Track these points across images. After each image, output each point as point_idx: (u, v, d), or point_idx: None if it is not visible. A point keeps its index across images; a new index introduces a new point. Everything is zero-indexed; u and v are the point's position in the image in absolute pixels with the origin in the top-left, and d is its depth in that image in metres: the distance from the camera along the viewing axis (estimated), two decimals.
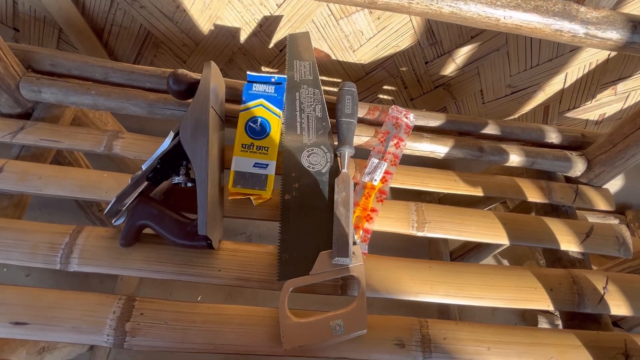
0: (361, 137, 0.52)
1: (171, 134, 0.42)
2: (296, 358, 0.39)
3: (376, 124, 0.54)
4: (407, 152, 0.53)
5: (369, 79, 0.80)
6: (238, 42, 0.73)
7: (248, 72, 0.48)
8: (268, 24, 0.69)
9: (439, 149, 0.53)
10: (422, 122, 0.55)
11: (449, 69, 0.74)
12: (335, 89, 0.82)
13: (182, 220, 0.41)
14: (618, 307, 0.46)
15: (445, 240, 0.84)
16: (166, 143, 0.42)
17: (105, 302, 0.39)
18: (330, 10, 0.65)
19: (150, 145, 0.48)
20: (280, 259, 0.42)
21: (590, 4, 0.36)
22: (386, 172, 0.48)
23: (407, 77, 0.78)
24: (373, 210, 0.46)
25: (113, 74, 0.51)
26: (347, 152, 0.47)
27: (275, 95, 0.48)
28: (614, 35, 0.35)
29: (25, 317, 0.37)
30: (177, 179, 0.42)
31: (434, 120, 0.55)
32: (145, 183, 0.42)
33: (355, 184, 0.48)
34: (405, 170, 0.52)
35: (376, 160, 0.49)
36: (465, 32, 0.66)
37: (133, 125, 0.61)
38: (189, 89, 0.46)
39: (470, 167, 0.83)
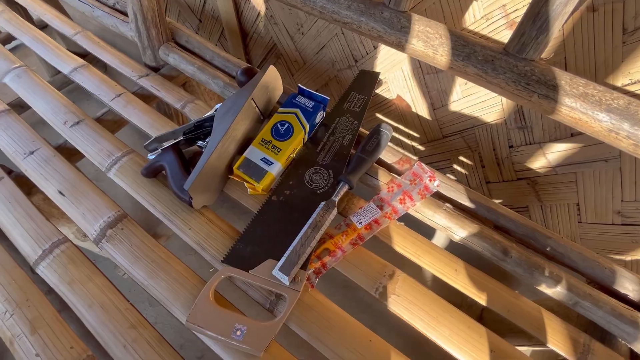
0: (374, 180, 0.50)
1: (215, 107, 0.51)
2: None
3: (399, 175, 0.51)
4: (418, 216, 0.48)
5: (445, 143, 0.75)
6: (335, 70, 0.81)
7: (299, 84, 0.53)
8: (363, 61, 0.74)
9: (455, 228, 0.46)
10: (452, 194, 0.49)
11: (538, 163, 0.63)
12: (407, 140, 0.81)
13: (184, 175, 0.48)
14: None
15: None
16: (210, 112, 0.51)
17: (109, 206, 0.49)
18: (419, 63, 0.65)
19: None
20: (235, 245, 0.44)
21: None
22: (374, 221, 0.45)
23: (486, 156, 0.70)
24: (341, 249, 0.43)
25: (217, 58, 0.65)
26: (345, 185, 0.46)
27: (311, 110, 0.52)
28: None
29: (65, 191, 0.50)
30: (199, 143, 0.50)
31: (466, 199, 0.48)
32: (181, 137, 0.51)
33: (344, 221, 0.47)
34: (406, 232, 0.47)
35: (373, 206, 0.46)
36: (565, 127, 0.55)
37: None
38: None
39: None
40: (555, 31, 0.27)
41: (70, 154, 0.57)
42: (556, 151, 0.59)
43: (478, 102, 0.63)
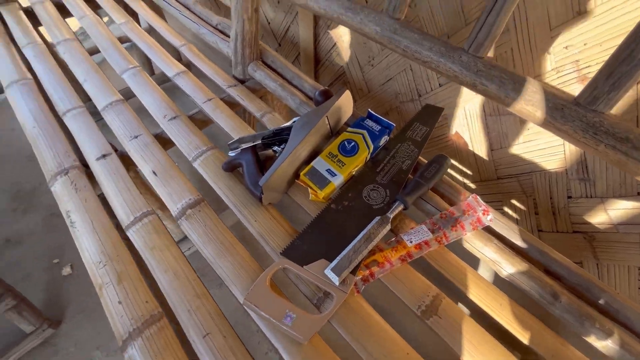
0: (427, 205, 0.53)
1: (294, 119, 0.58)
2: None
3: (452, 205, 0.53)
4: (467, 246, 0.50)
5: (498, 184, 0.76)
6: (398, 102, 0.87)
7: (369, 110, 0.59)
8: (426, 97, 0.79)
9: (504, 263, 0.47)
10: (504, 232, 0.50)
11: (598, 218, 0.62)
12: (459, 177, 0.82)
13: (259, 174, 0.55)
14: None
15: None
16: (287, 123, 0.58)
17: (190, 190, 0.57)
18: (483, 104, 0.68)
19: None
20: (294, 241, 0.49)
21: None
22: (424, 242, 0.47)
23: (542, 203, 0.70)
24: (390, 262, 0.46)
25: (296, 79, 0.73)
26: (400, 204, 0.50)
27: (377, 133, 0.57)
28: None
29: (158, 172, 0.60)
30: (274, 148, 0.57)
31: (519, 239, 0.49)
32: (260, 141, 0.59)
33: (395, 237, 0.50)
34: (453, 259, 0.49)
35: (424, 229, 0.49)
36: (631, 184, 0.54)
37: None
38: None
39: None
40: (627, 90, 0.29)
41: (164, 142, 0.68)
42: (620, 208, 0.58)
43: (539, 148, 0.64)
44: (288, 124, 0.58)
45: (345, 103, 0.60)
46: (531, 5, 0.52)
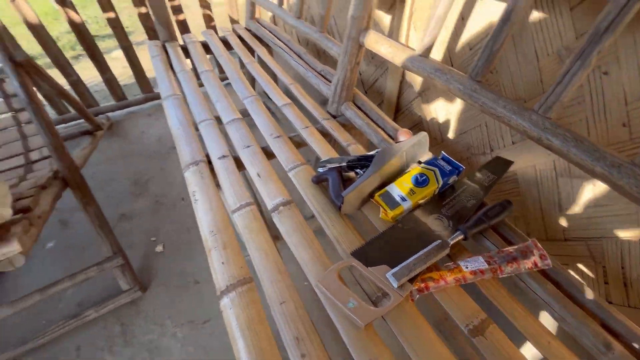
0: (486, 241, 0.58)
1: (377, 150, 0.70)
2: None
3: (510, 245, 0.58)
4: (521, 284, 0.53)
5: (565, 246, 0.76)
6: (469, 153, 0.94)
7: (442, 151, 0.68)
8: (498, 152, 0.85)
9: (555, 305, 0.50)
10: (562, 280, 0.53)
11: None
12: (524, 231, 0.84)
13: (341, 188, 0.67)
14: None
15: None
16: (371, 153, 0.71)
17: (283, 193, 0.71)
18: (554, 164, 0.73)
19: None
20: (363, 246, 0.59)
21: None
22: (480, 270, 0.53)
23: (612, 272, 0.68)
24: (445, 280, 0.53)
25: (380, 120, 0.87)
26: (461, 234, 0.56)
27: (447, 172, 0.65)
28: None
29: (261, 174, 0.76)
30: (357, 170, 0.69)
31: (576, 288, 0.52)
32: (345, 163, 0.72)
33: (452, 263, 0.56)
34: (506, 292, 0.53)
35: (481, 259, 0.54)
36: None
37: None
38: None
39: None
40: None
41: (268, 154, 0.85)
42: None
43: (611, 214, 0.65)
44: (371, 152, 0.71)
45: (422, 143, 0.70)
46: (607, 81, 0.59)
